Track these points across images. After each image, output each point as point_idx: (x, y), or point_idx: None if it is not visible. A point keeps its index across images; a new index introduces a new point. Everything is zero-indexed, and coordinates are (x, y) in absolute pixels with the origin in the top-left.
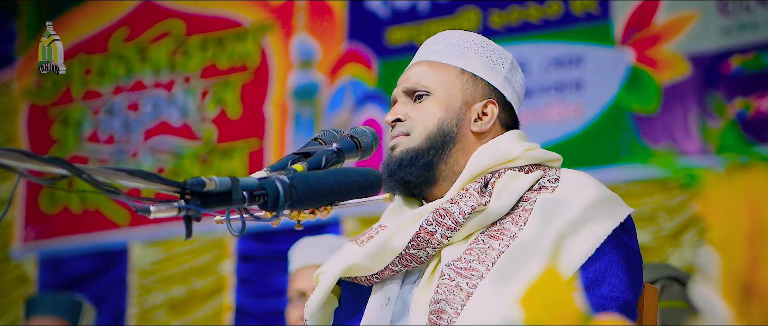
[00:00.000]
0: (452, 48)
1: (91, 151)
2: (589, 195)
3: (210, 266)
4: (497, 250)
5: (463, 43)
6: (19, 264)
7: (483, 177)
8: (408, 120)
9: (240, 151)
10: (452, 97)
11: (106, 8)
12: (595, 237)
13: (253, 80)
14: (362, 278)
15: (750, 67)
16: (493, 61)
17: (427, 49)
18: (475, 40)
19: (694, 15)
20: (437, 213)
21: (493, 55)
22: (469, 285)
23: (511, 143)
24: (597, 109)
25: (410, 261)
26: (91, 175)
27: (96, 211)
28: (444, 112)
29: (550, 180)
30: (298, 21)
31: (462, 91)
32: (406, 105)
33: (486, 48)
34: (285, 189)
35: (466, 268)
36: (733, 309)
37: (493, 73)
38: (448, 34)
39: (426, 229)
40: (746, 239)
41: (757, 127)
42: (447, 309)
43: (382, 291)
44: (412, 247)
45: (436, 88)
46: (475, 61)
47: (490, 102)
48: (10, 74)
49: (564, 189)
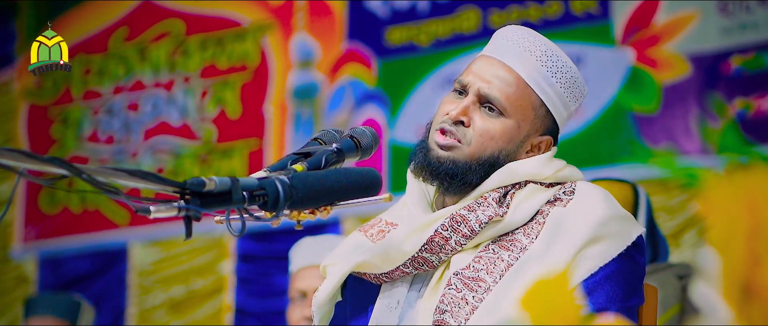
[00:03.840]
0: (544, 69)
1: (91, 151)
2: (601, 213)
3: (210, 266)
4: (506, 262)
5: (555, 69)
6: (19, 264)
7: (504, 188)
8: (471, 128)
9: (239, 150)
10: (520, 130)
11: (106, 8)
12: (602, 259)
13: (253, 80)
14: (371, 275)
15: (750, 67)
16: (571, 97)
17: (521, 49)
18: (565, 69)
19: (694, 15)
20: (454, 219)
21: (574, 90)
22: (475, 298)
23: (544, 165)
24: (597, 109)
25: (422, 264)
26: (91, 175)
27: (96, 211)
28: (507, 143)
29: (566, 192)
30: (297, 21)
31: (531, 125)
32: (475, 109)
33: (572, 82)
34: (285, 189)
35: (474, 278)
36: (733, 309)
37: (564, 110)
38: (547, 49)
39: (441, 234)
40: (746, 239)
41: (757, 127)
42: (451, 321)
43: (390, 293)
44: (424, 251)
45: (512, 112)
46: (557, 95)
47: (547, 140)
48: (10, 74)
49: (577, 203)
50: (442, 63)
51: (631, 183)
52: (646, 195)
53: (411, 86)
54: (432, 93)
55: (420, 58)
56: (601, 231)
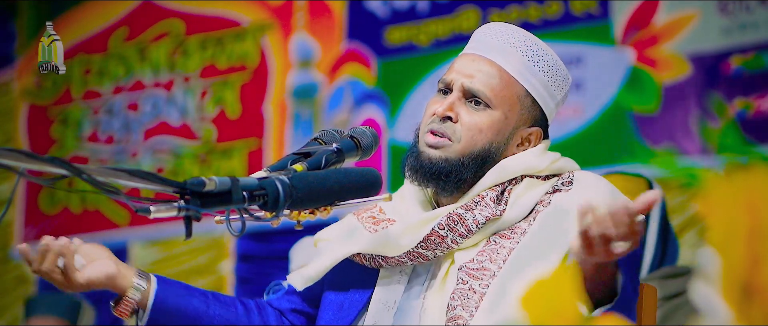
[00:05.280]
0: (525, 59)
1: (91, 151)
2: (601, 199)
3: (209, 266)
4: (508, 248)
5: (536, 58)
6: (19, 264)
7: (500, 185)
8: (458, 123)
9: (239, 150)
10: (507, 121)
11: (106, 8)
12: None
13: (253, 80)
14: (367, 260)
15: (750, 67)
16: (555, 86)
17: (501, 42)
18: (547, 57)
19: (694, 15)
20: (451, 218)
21: (558, 79)
22: (482, 285)
23: (537, 158)
24: (597, 109)
25: (417, 257)
26: (91, 175)
27: (96, 211)
28: (495, 135)
29: (564, 183)
30: (297, 21)
31: (518, 116)
32: (460, 104)
33: (554, 70)
34: (285, 189)
35: (478, 268)
36: (733, 309)
37: (550, 99)
38: (526, 39)
39: (437, 233)
40: (746, 239)
41: (757, 127)
42: (463, 313)
43: (386, 291)
44: (420, 247)
45: (498, 104)
46: (541, 83)
47: (537, 132)
48: (10, 74)
49: (576, 191)
50: (441, 63)
51: (646, 178)
52: (661, 191)
53: (410, 86)
54: (431, 93)
55: (419, 57)
56: None
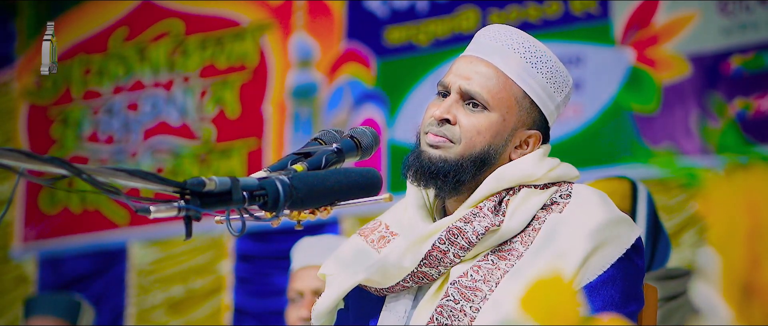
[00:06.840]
0: (523, 61)
1: (91, 150)
2: (598, 218)
3: (209, 266)
4: (502, 270)
5: (535, 60)
6: (19, 264)
7: (498, 195)
8: (457, 126)
9: (239, 150)
10: (506, 123)
11: (106, 8)
12: (601, 265)
13: (252, 80)
14: (373, 289)
15: (750, 67)
16: (555, 88)
17: (499, 44)
18: (546, 60)
19: (694, 15)
20: (450, 231)
21: (557, 80)
22: (472, 309)
23: (535, 165)
24: (597, 109)
25: (422, 278)
26: (91, 175)
27: (95, 211)
28: (493, 137)
29: (562, 196)
30: (296, 20)
31: (516, 118)
32: (458, 106)
33: (554, 72)
34: (285, 189)
35: (471, 288)
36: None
37: (549, 101)
38: (525, 41)
39: (439, 248)
40: (746, 239)
41: (757, 127)
42: None
43: (396, 304)
44: (423, 266)
45: (495, 105)
46: (540, 85)
47: (536, 135)
48: (10, 74)
49: (573, 209)
50: (441, 63)
51: (629, 179)
52: (646, 191)
53: (410, 86)
54: (431, 93)
55: (419, 57)
56: (598, 237)
